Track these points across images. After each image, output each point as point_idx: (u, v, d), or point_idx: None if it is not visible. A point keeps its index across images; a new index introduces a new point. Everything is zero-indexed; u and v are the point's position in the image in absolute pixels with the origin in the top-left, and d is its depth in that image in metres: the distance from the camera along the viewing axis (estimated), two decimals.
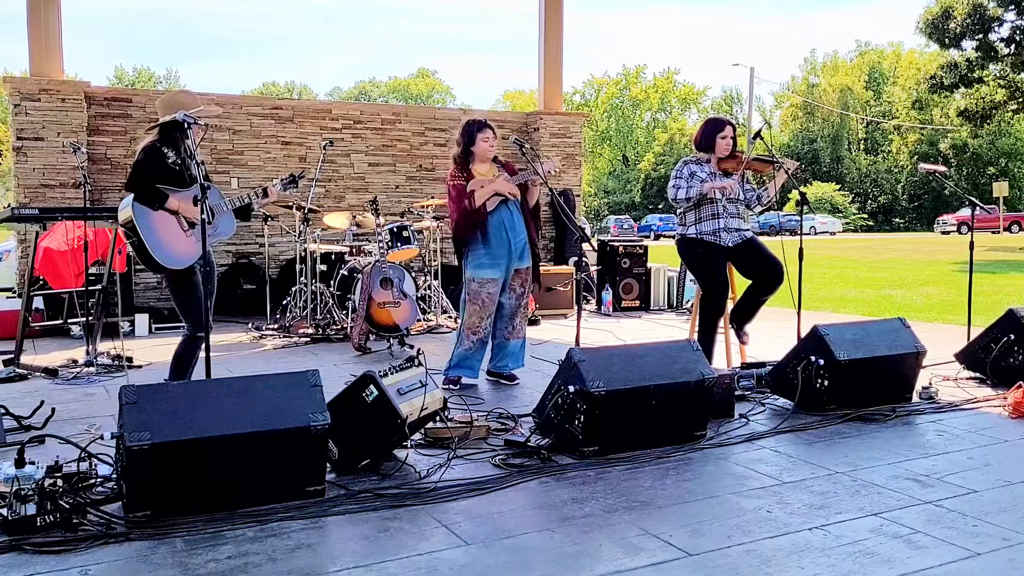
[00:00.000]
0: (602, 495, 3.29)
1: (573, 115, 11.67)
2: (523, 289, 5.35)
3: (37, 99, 8.24)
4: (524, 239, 5.27)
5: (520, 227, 5.26)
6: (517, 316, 5.37)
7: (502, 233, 5.17)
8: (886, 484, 3.41)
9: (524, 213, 5.31)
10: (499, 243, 5.17)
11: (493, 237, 5.16)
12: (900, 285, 13.45)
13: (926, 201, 52.09)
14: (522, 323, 5.43)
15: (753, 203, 5.56)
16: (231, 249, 9.41)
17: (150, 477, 2.96)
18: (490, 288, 5.19)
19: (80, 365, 5.79)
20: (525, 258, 5.30)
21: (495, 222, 5.16)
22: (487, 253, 5.16)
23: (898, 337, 4.72)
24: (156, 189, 4.19)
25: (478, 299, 5.20)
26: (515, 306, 5.34)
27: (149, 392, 3.10)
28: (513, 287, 5.31)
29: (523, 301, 5.38)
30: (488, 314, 5.23)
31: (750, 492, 3.33)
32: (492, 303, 5.22)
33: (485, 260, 5.17)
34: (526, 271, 5.33)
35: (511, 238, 5.19)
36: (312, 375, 3.34)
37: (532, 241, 5.33)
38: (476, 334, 5.24)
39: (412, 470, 3.57)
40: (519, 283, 5.32)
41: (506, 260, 5.20)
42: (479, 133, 5.22)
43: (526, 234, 5.29)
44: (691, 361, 4.03)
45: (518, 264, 5.27)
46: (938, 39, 24.27)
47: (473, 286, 5.22)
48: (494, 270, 5.17)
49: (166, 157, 4.26)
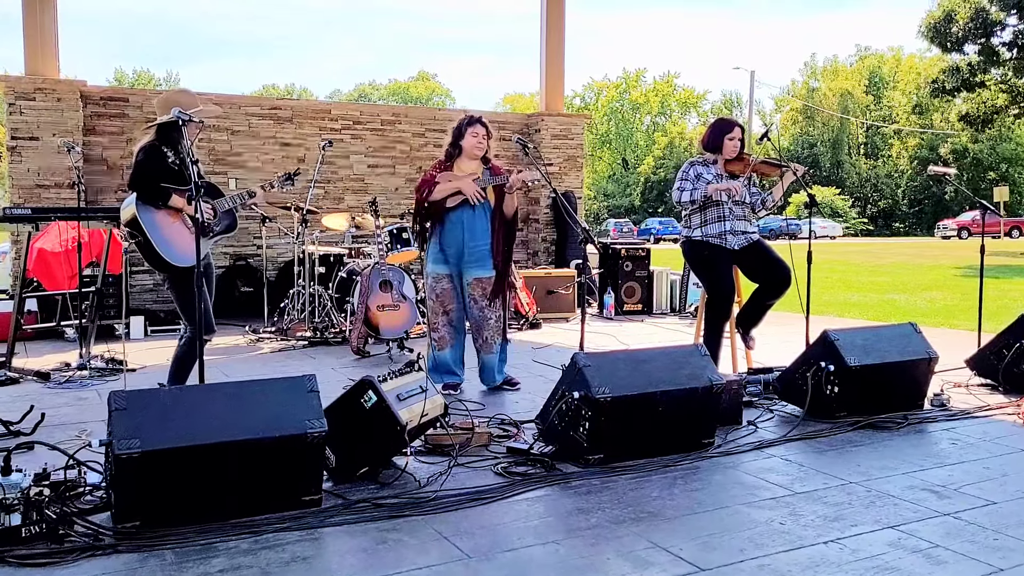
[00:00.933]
0: (608, 505, 3.18)
1: (575, 116, 11.59)
2: (485, 301, 5.07)
3: (32, 98, 8.12)
4: (485, 246, 5.03)
5: (482, 233, 5.03)
6: (485, 330, 5.11)
7: (458, 233, 5.01)
8: (902, 495, 3.30)
9: (494, 221, 5.06)
10: (452, 242, 5.02)
11: (447, 235, 5.02)
12: (903, 290, 13.34)
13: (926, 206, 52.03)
14: (492, 338, 5.14)
15: (758, 206, 5.46)
16: (228, 251, 9.30)
17: (139, 486, 2.85)
18: (444, 284, 5.07)
19: (73, 368, 5.67)
20: (486, 267, 5.04)
21: (453, 219, 5.00)
22: (440, 249, 5.06)
23: (910, 342, 4.61)
24: (160, 187, 4.13)
25: (433, 294, 5.11)
26: (479, 317, 5.09)
27: (139, 398, 2.99)
28: (474, 296, 5.09)
29: (488, 313, 5.09)
30: (444, 310, 5.09)
31: (761, 503, 3.22)
32: (448, 299, 5.08)
33: (439, 255, 5.07)
34: (488, 280, 5.05)
35: (466, 240, 5.01)
36: (309, 380, 3.23)
37: (497, 250, 5.05)
38: (435, 331, 5.12)
39: (412, 478, 3.45)
40: (479, 292, 5.07)
41: (456, 261, 5.05)
42: (468, 128, 5.08)
43: (489, 241, 5.04)
44: (699, 367, 3.92)
45: (477, 272, 5.04)
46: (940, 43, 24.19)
47: (429, 281, 5.13)
48: (445, 266, 5.06)
49: (166, 157, 4.19)
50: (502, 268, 5.12)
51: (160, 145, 4.22)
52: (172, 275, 4.24)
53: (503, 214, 5.11)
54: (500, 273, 5.10)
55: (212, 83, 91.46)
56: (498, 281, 5.10)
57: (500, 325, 5.20)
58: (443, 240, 5.04)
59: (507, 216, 5.13)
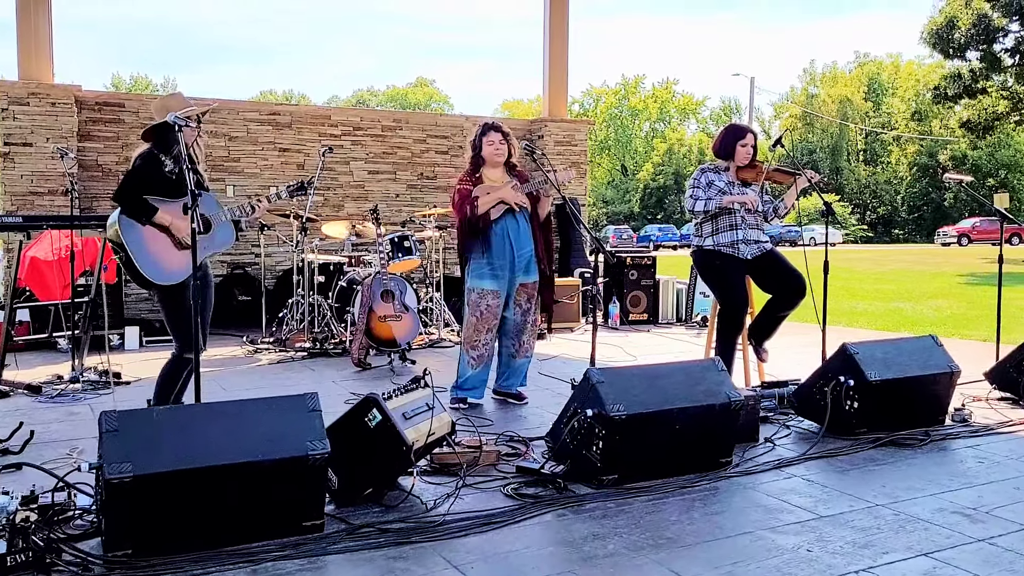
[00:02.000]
0: (625, 530, 3.03)
1: (578, 122, 11.45)
2: (530, 305, 5.06)
3: (26, 103, 7.97)
4: (530, 252, 5.00)
5: (527, 239, 4.99)
6: (524, 333, 5.08)
7: (505, 244, 4.91)
8: (932, 519, 3.15)
9: (533, 225, 5.04)
10: (501, 254, 4.90)
11: (495, 247, 4.89)
12: (908, 298, 13.21)
13: (926, 212, 51.93)
14: (530, 340, 5.14)
15: (770, 215, 5.31)
16: (226, 259, 9.14)
17: (131, 512, 2.69)
18: (489, 300, 4.92)
19: (65, 381, 5.51)
20: (531, 272, 5.02)
21: (499, 231, 4.90)
22: (488, 263, 4.90)
23: (931, 356, 4.47)
24: (144, 202, 3.92)
25: (477, 311, 4.94)
26: (521, 322, 5.05)
27: (131, 419, 2.83)
28: (519, 302, 5.02)
29: (530, 318, 5.09)
30: (487, 328, 4.95)
31: (786, 527, 3.07)
32: (492, 317, 4.95)
33: (486, 271, 4.91)
34: (532, 285, 5.04)
35: (515, 250, 4.93)
36: (310, 399, 3.08)
37: (540, 255, 5.04)
38: (475, 349, 4.96)
39: (418, 501, 3.30)
40: (525, 298, 5.03)
41: (508, 272, 4.93)
42: (484, 137, 4.99)
43: (533, 247, 5.01)
44: (716, 382, 3.77)
45: (523, 278, 4.99)
46: (942, 49, 24.10)
47: (473, 297, 4.95)
48: (494, 282, 4.91)
49: (163, 165, 4.00)
50: (548, 271, 5.12)
51: (158, 154, 4.03)
52: (160, 291, 4.03)
53: (538, 218, 5.07)
54: (544, 276, 5.09)
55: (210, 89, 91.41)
56: (544, 285, 5.10)
57: (536, 328, 5.21)
58: (492, 255, 4.90)
59: (541, 219, 5.10)
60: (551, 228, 5.26)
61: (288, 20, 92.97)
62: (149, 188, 3.94)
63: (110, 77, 62.18)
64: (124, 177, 4.01)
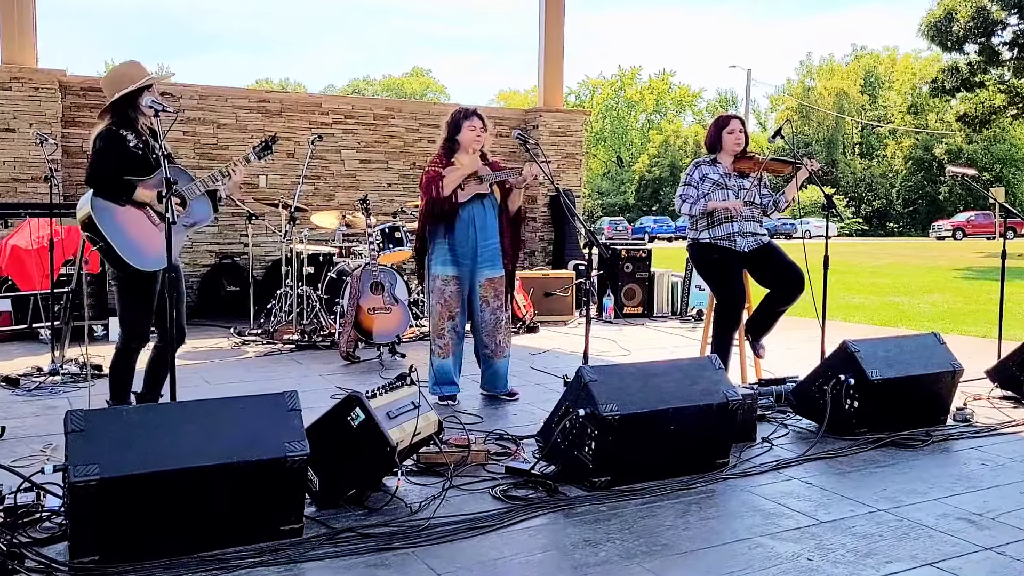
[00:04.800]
0: (618, 536, 2.90)
1: (574, 112, 11.31)
2: (499, 302, 4.86)
3: (8, 88, 7.79)
4: (496, 244, 4.82)
5: (492, 230, 4.82)
6: (498, 333, 4.88)
7: (470, 231, 4.75)
8: (936, 525, 3.03)
9: (502, 218, 4.87)
10: (464, 240, 4.75)
11: (459, 233, 4.74)
12: (904, 292, 13.12)
13: (920, 206, 51.92)
14: (504, 340, 4.93)
15: (770, 208, 5.18)
16: (214, 249, 8.99)
17: (98, 517, 2.55)
18: (452, 286, 4.77)
19: (44, 374, 5.36)
20: (497, 266, 4.84)
21: (464, 216, 4.74)
22: (450, 249, 4.75)
23: (933, 354, 4.35)
24: (121, 180, 3.73)
25: (441, 298, 4.79)
26: (491, 321, 4.86)
27: (100, 418, 2.69)
28: (485, 298, 4.84)
29: (500, 315, 4.89)
30: (450, 315, 4.80)
31: (784, 534, 2.94)
32: (455, 303, 4.80)
33: (448, 257, 4.76)
34: (499, 280, 4.86)
35: (479, 239, 4.77)
36: (289, 398, 2.94)
37: (506, 249, 4.86)
38: (441, 338, 4.82)
39: (402, 503, 3.17)
40: (491, 294, 4.84)
41: (470, 262, 4.78)
42: (465, 121, 4.81)
43: (499, 239, 4.84)
44: (713, 381, 3.64)
45: (489, 272, 4.82)
46: (941, 42, 23.95)
47: (436, 284, 4.81)
48: (456, 268, 4.76)
49: (127, 141, 3.78)
50: (511, 268, 4.93)
51: (118, 129, 3.80)
52: (127, 277, 3.80)
53: (508, 211, 4.90)
54: (509, 273, 4.92)
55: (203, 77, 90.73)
56: (508, 281, 4.92)
57: (509, 328, 5.01)
58: (453, 240, 4.75)
59: (511, 214, 4.92)
60: (520, 224, 5.07)
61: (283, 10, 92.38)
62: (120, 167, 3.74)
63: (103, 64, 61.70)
64: (93, 158, 3.75)
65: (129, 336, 3.91)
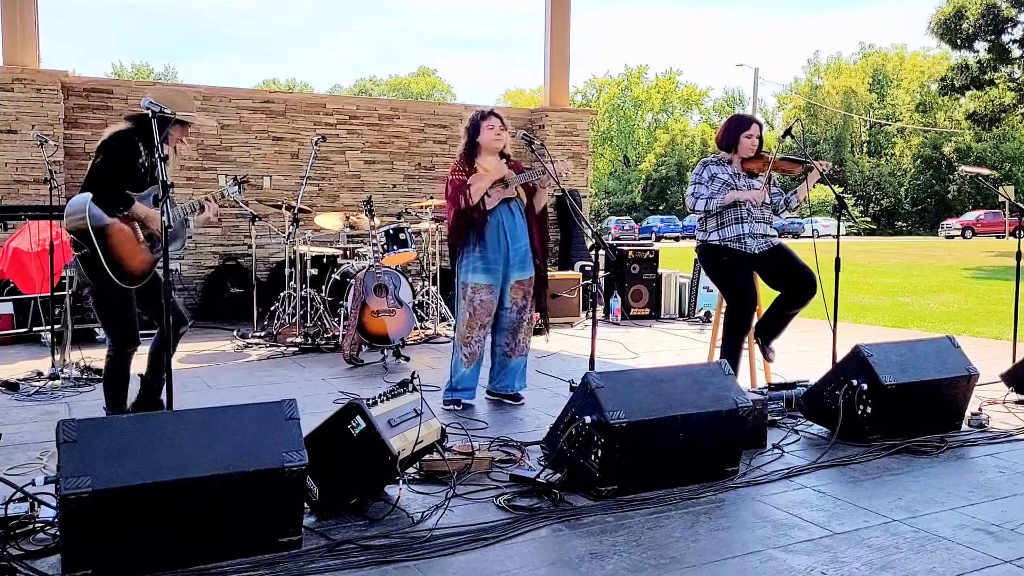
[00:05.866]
0: (625, 548, 2.82)
1: (580, 111, 11.21)
2: (525, 302, 4.82)
3: (10, 89, 7.74)
4: (526, 246, 4.77)
5: (522, 232, 4.76)
6: (520, 332, 4.85)
7: (500, 237, 4.68)
8: (953, 536, 2.94)
9: (529, 218, 4.81)
10: (495, 247, 4.68)
11: (489, 240, 4.66)
12: (913, 292, 12.99)
13: (929, 205, 51.64)
14: (525, 339, 4.90)
15: (780, 207, 5.09)
16: (218, 250, 8.93)
17: (91, 530, 2.48)
18: (483, 295, 4.69)
19: (44, 378, 5.30)
20: (527, 268, 4.78)
21: (493, 224, 4.67)
22: (481, 257, 4.67)
23: (948, 358, 4.25)
24: (123, 193, 3.68)
25: (471, 307, 4.72)
26: (516, 320, 4.82)
27: (93, 428, 2.62)
28: (514, 299, 4.79)
29: (525, 315, 4.85)
30: (481, 324, 4.73)
31: (797, 546, 2.86)
32: (486, 312, 4.73)
33: (479, 264, 4.68)
34: (528, 282, 4.80)
35: (510, 243, 4.70)
36: (288, 406, 2.86)
37: (536, 250, 4.81)
38: (468, 346, 4.75)
39: (404, 514, 3.09)
40: (520, 295, 4.80)
41: (502, 267, 4.71)
42: (484, 121, 4.74)
43: (528, 241, 4.78)
44: (723, 387, 3.55)
45: (519, 274, 4.76)
46: (950, 40, 23.76)
47: (467, 292, 4.73)
48: (487, 275, 4.68)
49: (138, 154, 3.75)
50: (543, 266, 4.88)
51: (137, 140, 3.77)
52: (104, 290, 3.74)
53: (535, 211, 4.85)
54: (540, 272, 4.86)
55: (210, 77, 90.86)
56: (538, 281, 4.86)
57: (531, 327, 4.96)
58: (485, 247, 4.66)
59: (537, 212, 4.87)
60: (547, 221, 5.03)
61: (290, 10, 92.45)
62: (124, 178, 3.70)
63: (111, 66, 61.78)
64: (99, 162, 3.70)
65: (119, 343, 3.86)
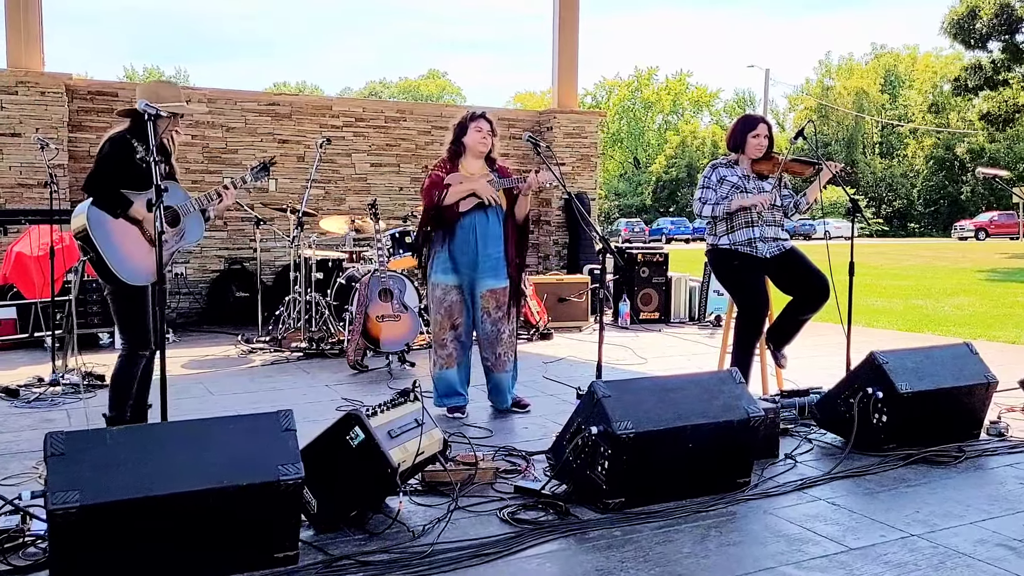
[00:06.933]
0: (633, 565, 2.72)
1: (589, 113, 11.10)
2: (500, 313, 4.64)
3: (14, 92, 7.70)
4: (499, 254, 4.60)
5: (496, 239, 4.60)
6: (498, 346, 4.67)
7: (471, 240, 4.55)
8: (974, 552, 2.83)
9: (507, 226, 4.65)
10: (464, 250, 4.55)
11: (459, 240, 4.55)
12: (927, 295, 12.83)
13: (942, 206, 51.26)
14: (507, 354, 4.71)
15: (791, 210, 4.98)
16: (223, 254, 8.86)
17: (80, 546, 2.40)
18: (452, 295, 4.59)
19: (45, 384, 5.24)
20: (500, 276, 4.61)
21: (465, 225, 4.54)
22: (449, 256, 4.57)
23: (965, 365, 4.13)
24: (119, 194, 3.63)
25: (441, 307, 4.62)
26: (493, 332, 4.65)
27: (82, 441, 2.54)
28: (487, 309, 4.63)
29: (503, 327, 4.66)
30: (452, 325, 4.62)
31: (811, 563, 2.75)
32: (457, 312, 4.61)
33: (448, 264, 4.58)
34: (502, 291, 4.63)
35: (479, 248, 4.56)
36: (284, 417, 2.78)
37: (510, 259, 4.64)
38: (443, 348, 4.64)
39: (404, 527, 3.00)
40: (494, 305, 4.63)
41: (469, 271, 4.58)
42: (472, 123, 4.63)
43: (503, 249, 4.62)
44: (733, 396, 3.45)
45: (491, 283, 4.60)
46: (963, 40, 23.55)
47: (437, 292, 4.63)
48: (455, 276, 4.58)
49: (135, 152, 3.69)
50: (516, 277, 4.71)
51: (131, 138, 3.71)
52: (119, 289, 3.73)
53: (515, 218, 4.69)
54: (514, 283, 4.70)
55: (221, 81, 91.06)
56: (512, 291, 4.69)
57: (513, 340, 4.77)
58: (454, 248, 4.56)
59: (519, 221, 4.71)
60: (528, 229, 4.89)
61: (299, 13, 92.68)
62: (122, 177, 3.65)
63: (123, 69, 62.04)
64: (96, 164, 3.68)
65: (134, 344, 3.81)
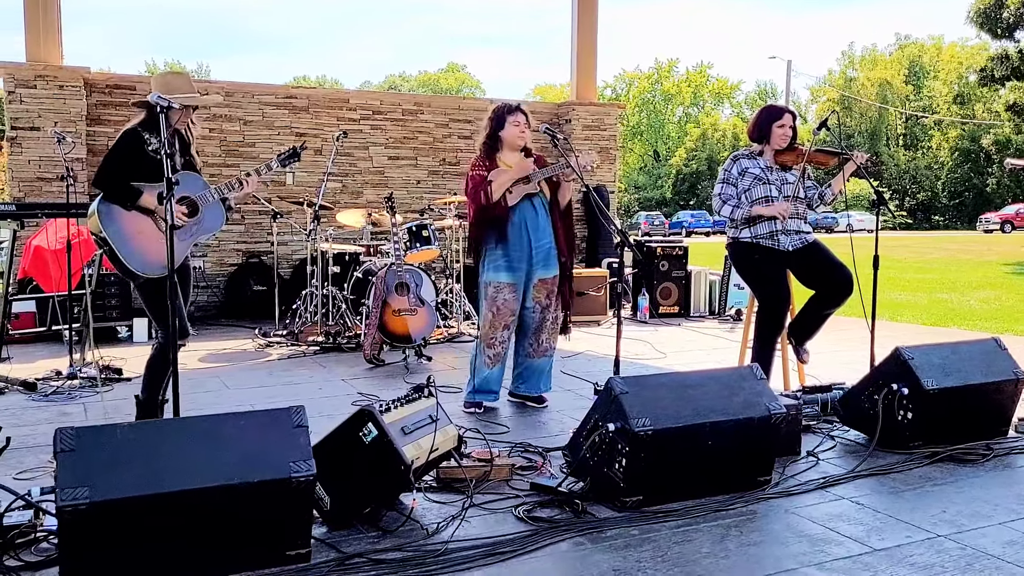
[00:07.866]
0: (650, 565, 2.66)
1: (608, 105, 10.99)
2: (549, 301, 4.66)
3: (33, 86, 7.72)
4: (549, 243, 4.60)
5: (546, 229, 4.60)
6: (543, 332, 4.69)
7: (523, 234, 4.53)
8: (1003, 554, 2.75)
9: (553, 214, 4.65)
10: (518, 245, 4.52)
11: (512, 237, 4.51)
12: (952, 288, 12.64)
13: (967, 198, 50.57)
14: (549, 340, 4.74)
15: (815, 202, 4.89)
16: (241, 248, 8.86)
17: (90, 543, 2.37)
18: (506, 294, 4.54)
19: (63, 377, 5.24)
20: (551, 266, 4.61)
21: (516, 220, 4.52)
22: (504, 255, 4.52)
23: (993, 361, 4.02)
24: (128, 186, 3.61)
25: (493, 306, 4.57)
26: (539, 320, 4.67)
27: (92, 436, 2.51)
28: (537, 299, 4.63)
29: (549, 315, 4.68)
30: (504, 324, 4.58)
31: (834, 564, 2.68)
32: (509, 312, 4.57)
33: (502, 263, 4.53)
34: (552, 280, 4.64)
35: (532, 240, 4.54)
36: (296, 413, 2.74)
37: (561, 247, 4.64)
38: (492, 347, 4.60)
39: (418, 525, 2.96)
40: (544, 294, 4.64)
41: (525, 265, 4.55)
42: (509, 116, 4.58)
43: (552, 238, 4.62)
44: (754, 392, 3.37)
45: (542, 272, 4.60)
46: (990, 29, 23.13)
47: (489, 291, 4.58)
48: (510, 274, 4.53)
49: (146, 144, 3.66)
50: (569, 263, 4.71)
51: (143, 131, 3.69)
52: (148, 282, 3.73)
53: (559, 206, 4.68)
54: (566, 268, 4.69)
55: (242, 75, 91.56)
56: (563, 279, 4.69)
57: (557, 326, 4.78)
58: (509, 244, 4.52)
59: (562, 207, 4.71)
60: (572, 216, 4.86)
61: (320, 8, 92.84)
62: (132, 169, 3.62)
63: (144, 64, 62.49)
64: (105, 158, 3.68)
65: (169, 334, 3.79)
